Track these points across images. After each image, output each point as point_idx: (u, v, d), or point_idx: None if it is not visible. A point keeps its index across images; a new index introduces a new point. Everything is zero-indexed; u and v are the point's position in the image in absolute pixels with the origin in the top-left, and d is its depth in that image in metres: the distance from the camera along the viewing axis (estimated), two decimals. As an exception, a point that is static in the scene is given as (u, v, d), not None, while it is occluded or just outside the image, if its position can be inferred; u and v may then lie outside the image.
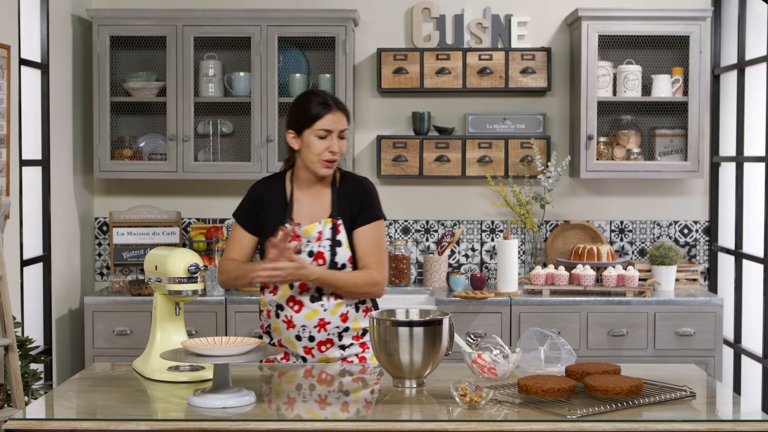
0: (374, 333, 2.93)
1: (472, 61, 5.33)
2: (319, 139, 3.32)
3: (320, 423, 2.57)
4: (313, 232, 3.37)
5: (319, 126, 3.32)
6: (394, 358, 2.88)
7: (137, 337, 4.95)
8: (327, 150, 3.33)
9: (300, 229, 3.36)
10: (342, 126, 3.36)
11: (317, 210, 3.41)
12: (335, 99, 3.39)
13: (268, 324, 3.45)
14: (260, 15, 5.18)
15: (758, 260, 4.96)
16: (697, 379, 3.09)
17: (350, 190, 3.44)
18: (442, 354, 2.94)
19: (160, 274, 3.10)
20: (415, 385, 2.91)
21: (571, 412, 2.60)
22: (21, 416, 2.63)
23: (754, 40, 5.13)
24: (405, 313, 3.08)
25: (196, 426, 2.56)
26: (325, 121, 3.32)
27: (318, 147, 3.33)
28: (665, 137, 5.33)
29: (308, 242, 3.36)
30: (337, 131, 3.34)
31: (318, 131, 3.32)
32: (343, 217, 3.40)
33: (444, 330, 2.92)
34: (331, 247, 3.36)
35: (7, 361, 3.83)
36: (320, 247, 3.35)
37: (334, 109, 3.34)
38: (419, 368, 2.89)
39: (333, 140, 3.34)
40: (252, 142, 5.21)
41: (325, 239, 3.36)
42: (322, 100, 3.35)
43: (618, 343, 4.95)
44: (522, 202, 5.31)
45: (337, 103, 3.37)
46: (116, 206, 5.55)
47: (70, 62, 5.24)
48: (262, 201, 3.43)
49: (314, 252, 3.35)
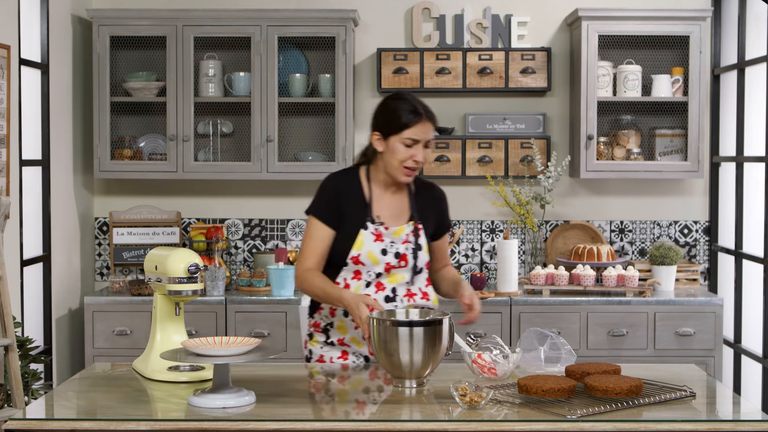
0: (374, 333, 2.93)
1: (472, 61, 5.33)
2: (405, 147, 3.29)
3: (320, 423, 2.57)
4: (402, 234, 3.35)
5: (407, 135, 3.28)
6: (394, 358, 2.88)
7: (137, 337, 4.95)
8: (411, 158, 3.29)
9: (387, 231, 3.34)
10: (429, 136, 3.31)
11: (397, 211, 3.40)
12: (425, 107, 3.33)
13: (329, 322, 3.39)
14: (260, 15, 5.18)
15: (758, 260, 4.96)
16: (697, 379, 3.09)
17: (427, 196, 3.46)
18: (442, 354, 2.94)
19: (160, 274, 3.10)
20: (415, 385, 2.91)
21: (571, 412, 2.60)
22: (21, 416, 2.63)
23: (754, 40, 5.13)
24: (405, 313, 3.08)
25: (196, 426, 2.56)
26: (414, 130, 3.27)
27: (403, 154, 3.29)
28: (665, 137, 5.33)
29: (393, 243, 3.34)
30: (424, 141, 3.30)
31: (405, 139, 3.28)
32: (423, 222, 3.40)
33: (444, 330, 2.92)
34: (414, 250, 3.36)
35: (7, 361, 3.83)
36: (405, 249, 3.35)
37: (424, 118, 3.28)
38: (419, 368, 2.89)
39: (418, 149, 3.29)
40: (252, 142, 5.21)
41: (408, 242, 3.36)
42: (413, 108, 3.29)
43: (618, 343, 4.95)
44: (522, 202, 5.31)
45: (427, 112, 3.31)
46: (116, 206, 5.55)
47: (70, 62, 5.24)
48: (341, 195, 3.37)
49: (399, 254, 3.34)
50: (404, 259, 3.34)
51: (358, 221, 3.33)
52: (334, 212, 3.35)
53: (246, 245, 5.56)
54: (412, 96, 3.35)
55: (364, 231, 3.32)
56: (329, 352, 3.38)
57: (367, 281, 3.33)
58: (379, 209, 3.37)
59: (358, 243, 3.31)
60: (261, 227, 5.57)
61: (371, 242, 3.31)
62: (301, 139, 5.47)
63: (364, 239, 3.31)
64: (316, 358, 3.40)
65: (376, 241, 3.31)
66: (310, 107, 5.37)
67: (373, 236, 3.32)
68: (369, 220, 3.33)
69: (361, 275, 3.33)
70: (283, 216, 5.56)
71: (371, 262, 3.31)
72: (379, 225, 3.34)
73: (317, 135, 5.46)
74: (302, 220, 5.54)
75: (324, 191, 3.39)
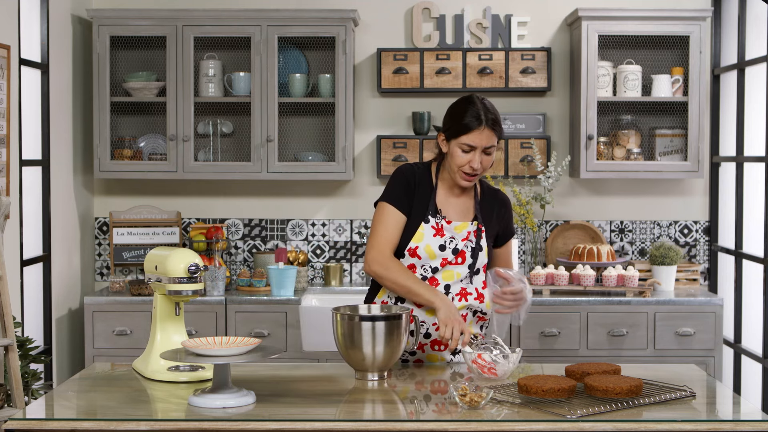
0: (338, 328, 3.05)
1: (472, 61, 5.33)
2: (463, 152, 3.27)
3: (320, 423, 2.57)
4: (463, 230, 3.34)
5: (465, 140, 3.25)
6: (357, 351, 3.01)
7: (137, 337, 4.95)
8: (468, 164, 3.27)
9: (449, 225, 3.33)
10: (488, 143, 3.25)
11: (462, 210, 3.39)
12: (489, 113, 3.26)
13: None
14: (260, 15, 5.18)
15: (758, 260, 4.96)
16: (697, 379, 3.09)
17: (492, 201, 3.43)
18: (402, 347, 3.05)
19: (160, 274, 3.10)
20: (377, 378, 3.03)
21: (571, 412, 2.60)
22: (21, 416, 2.63)
23: (754, 40, 5.13)
24: (367, 308, 3.24)
25: (196, 426, 2.56)
26: (471, 136, 3.24)
27: (460, 159, 3.27)
28: (665, 137, 5.33)
29: (453, 239, 3.33)
30: (481, 147, 3.26)
31: (462, 144, 3.26)
32: (487, 225, 3.39)
33: (402, 325, 3.03)
34: (473, 250, 3.34)
35: (7, 361, 3.83)
36: (465, 246, 3.34)
37: (484, 126, 3.23)
38: (381, 362, 3.01)
39: (476, 155, 3.26)
40: (252, 142, 5.21)
41: (469, 240, 3.34)
42: (476, 113, 3.25)
43: (618, 343, 4.95)
44: (522, 202, 5.31)
45: (488, 119, 3.25)
46: (116, 206, 5.55)
47: (70, 62, 5.24)
48: (411, 185, 3.36)
49: (458, 250, 3.33)
50: (462, 256, 3.33)
51: (421, 214, 3.33)
52: (406, 199, 3.34)
53: (246, 245, 5.56)
54: (481, 100, 3.29)
55: (425, 224, 3.32)
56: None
57: (422, 275, 3.33)
58: (443, 205, 3.37)
59: (418, 235, 3.31)
60: (261, 227, 5.57)
61: (431, 236, 3.31)
62: (301, 139, 5.47)
63: (425, 232, 3.31)
64: None
65: (435, 236, 3.31)
66: (310, 107, 5.37)
67: (433, 230, 3.31)
68: (431, 214, 3.33)
69: (416, 269, 3.33)
70: (283, 216, 5.56)
71: (428, 256, 3.31)
72: (441, 219, 3.33)
73: (317, 135, 5.46)
74: (302, 220, 5.54)
75: (398, 180, 3.37)
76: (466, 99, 3.32)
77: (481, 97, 3.32)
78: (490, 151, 3.29)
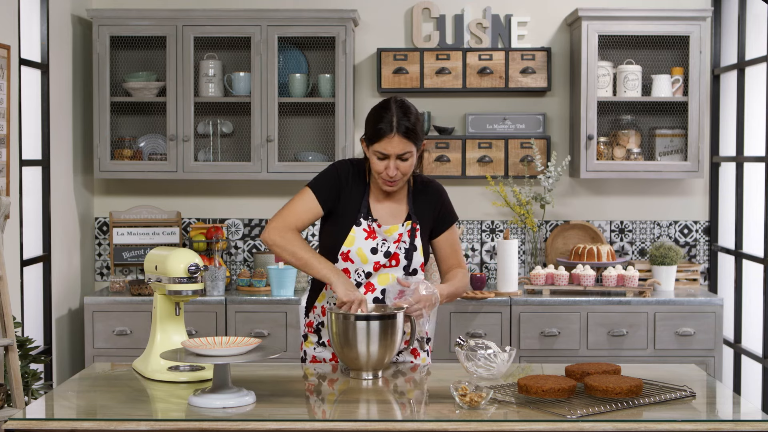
0: (332, 327, 3.06)
1: (472, 61, 5.33)
2: (378, 159, 3.22)
3: (320, 423, 2.57)
4: (394, 233, 3.31)
5: (377, 147, 3.20)
6: (352, 350, 3.02)
7: (137, 337, 4.95)
8: (385, 171, 3.22)
9: (380, 229, 3.30)
10: (401, 151, 3.19)
11: (394, 210, 3.35)
12: (403, 120, 3.19)
13: (320, 322, 3.37)
14: (260, 15, 5.18)
15: (758, 260, 4.96)
16: (697, 379, 3.09)
17: (425, 195, 3.38)
18: (397, 346, 3.06)
19: (160, 274, 3.10)
20: (371, 377, 3.04)
21: (571, 412, 2.60)
22: (21, 416, 2.63)
23: (754, 40, 5.13)
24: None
25: (196, 426, 2.56)
26: (383, 143, 3.18)
27: (377, 166, 3.23)
28: (665, 137, 5.33)
29: (384, 241, 3.29)
30: (395, 155, 3.21)
31: (376, 152, 3.22)
32: (421, 221, 3.36)
33: (398, 323, 3.05)
34: (407, 251, 3.32)
35: (7, 361, 3.83)
36: (397, 248, 3.31)
37: (394, 133, 3.17)
38: (375, 360, 3.03)
39: (390, 162, 3.20)
40: (252, 142, 5.21)
41: (402, 242, 3.31)
42: (388, 120, 3.18)
43: (618, 343, 4.95)
44: (522, 202, 5.31)
45: (401, 126, 3.17)
46: (116, 206, 5.55)
47: (70, 62, 5.24)
48: (343, 182, 3.32)
49: (390, 253, 3.30)
50: (395, 259, 3.30)
51: (352, 216, 3.31)
52: (331, 193, 3.30)
53: (246, 245, 5.56)
54: (399, 105, 3.22)
55: (356, 227, 3.29)
56: (321, 353, 3.37)
57: (356, 281, 3.31)
58: (375, 208, 3.34)
59: (350, 239, 3.29)
60: (261, 227, 5.56)
61: (362, 239, 3.28)
62: (301, 139, 5.47)
63: (356, 235, 3.29)
64: (309, 359, 3.39)
65: (367, 239, 3.28)
66: (310, 107, 5.37)
67: (365, 233, 3.29)
68: (363, 216, 3.30)
69: (350, 274, 3.31)
70: (283, 216, 5.55)
71: (360, 259, 3.28)
72: (372, 222, 3.30)
73: (317, 135, 5.46)
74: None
75: (331, 172, 3.33)
76: (381, 104, 3.25)
77: (401, 100, 3.25)
78: (406, 158, 3.21)
